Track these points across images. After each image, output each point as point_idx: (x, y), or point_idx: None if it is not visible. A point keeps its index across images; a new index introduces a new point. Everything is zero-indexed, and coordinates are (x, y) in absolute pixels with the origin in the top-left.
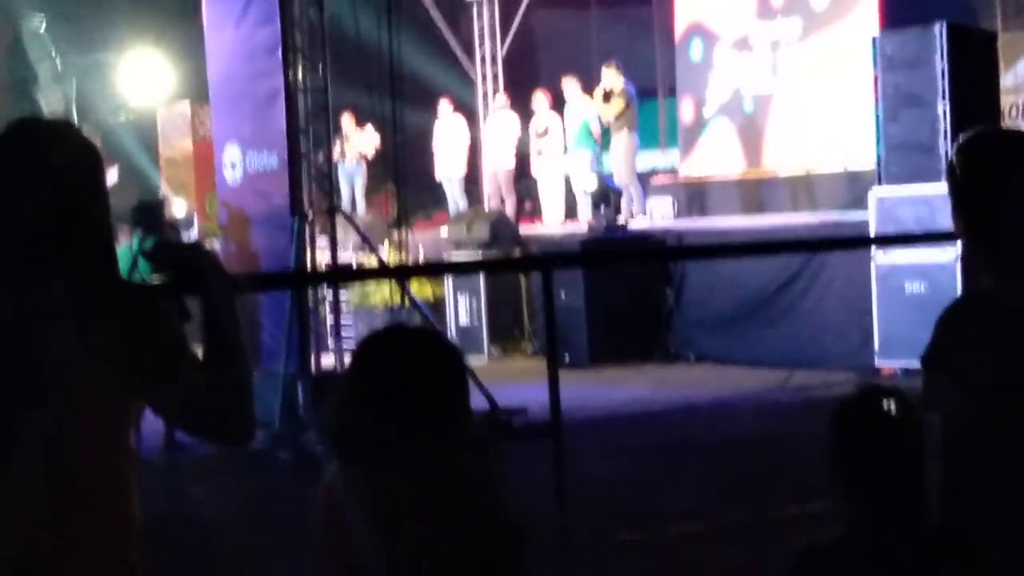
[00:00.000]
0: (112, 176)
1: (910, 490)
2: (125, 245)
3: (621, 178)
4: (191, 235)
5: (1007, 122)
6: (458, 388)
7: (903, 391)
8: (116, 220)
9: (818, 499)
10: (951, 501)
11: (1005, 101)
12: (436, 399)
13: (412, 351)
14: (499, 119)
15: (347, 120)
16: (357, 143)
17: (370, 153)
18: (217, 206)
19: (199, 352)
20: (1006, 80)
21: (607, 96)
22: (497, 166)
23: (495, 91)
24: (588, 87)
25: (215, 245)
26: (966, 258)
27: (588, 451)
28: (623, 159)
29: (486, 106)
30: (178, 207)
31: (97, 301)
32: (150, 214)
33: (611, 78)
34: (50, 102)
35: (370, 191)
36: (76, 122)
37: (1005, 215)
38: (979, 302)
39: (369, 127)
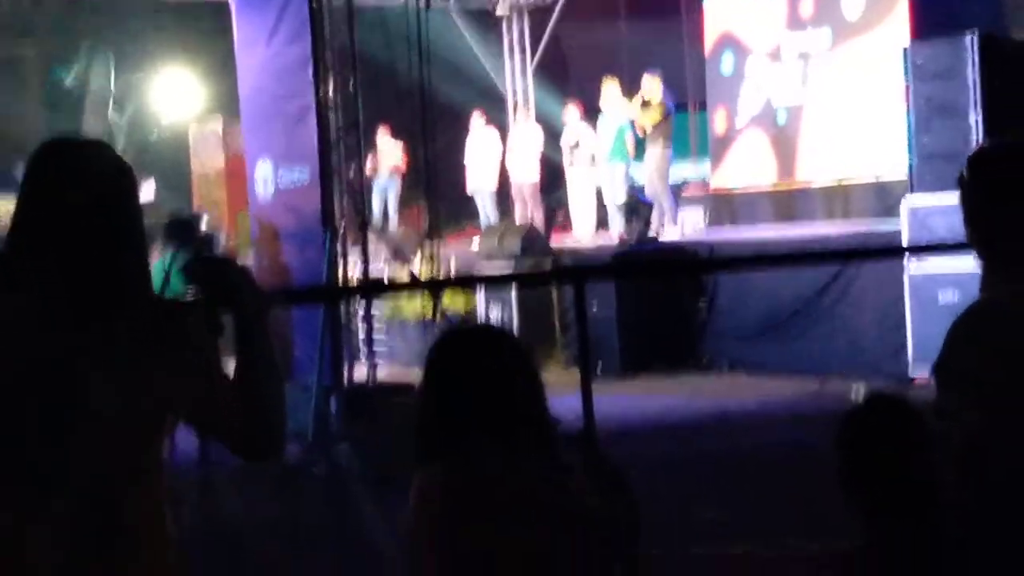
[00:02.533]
0: (149, 192)
1: (920, 499)
2: (158, 261)
3: (654, 190)
4: (222, 250)
5: None
6: (535, 382)
7: (909, 401)
8: (149, 236)
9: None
10: (963, 508)
11: None
12: (516, 394)
13: (490, 349)
14: (522, 132)
15: (382, 134)
16: (390, 157)
17: (402, 166)
18: (249, 221)
19: (231, 366)
20: None
21: (645, 105)
22: (521, 179)
23: (526, 104)
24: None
25: (247, 260)
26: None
27: (621, 461)
28: (656, 171)
29: (516, 119)
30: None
31: (130, 318)
32: (183, 230)
33: (652, 88)
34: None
35: (403, 204)
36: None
37: (1013, 224)
38: (990, 311)
39: (394, 142)
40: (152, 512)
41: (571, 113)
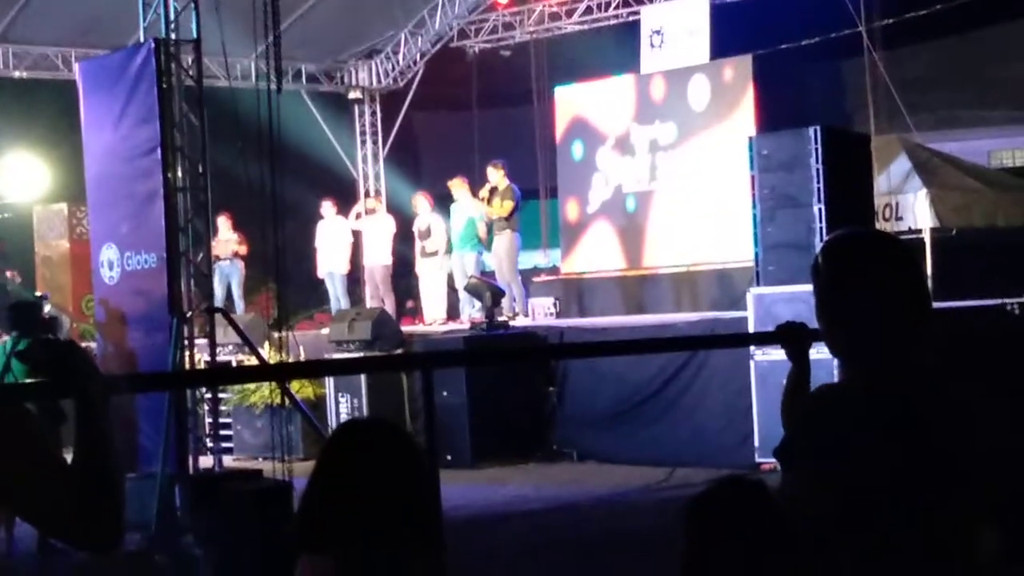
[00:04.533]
0: (15, 279)
1: None
2: (1, 345)
3: (504, 277)
4: (66, 335)
5: (881, 223)
6: (422, 484)
7: (763, 482)
8: None
9: None
10: None
11: (879, 202)
12: (402, 493)
13: (387, 446)
14: (374, 217)
15: (223, 221)
16: (230, 242)
17: (243, 251)
18: (94, 306)
19: (70, 454)
20: (880, 182)
21: (492, 195)
22: (373, 262)
23: (377, 190)
24: (472, 187)
25: (91, 345)
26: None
27: (470, 551)
28: (505, 258)
29: (368, 204)
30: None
31: None
32: (26, 314)
33: (496, 178)
34: None
35: (250, 291)
36: None
37: (861, 314)
38: (833, 398)
39: (231, 233)
40: None
41: (421, 202)
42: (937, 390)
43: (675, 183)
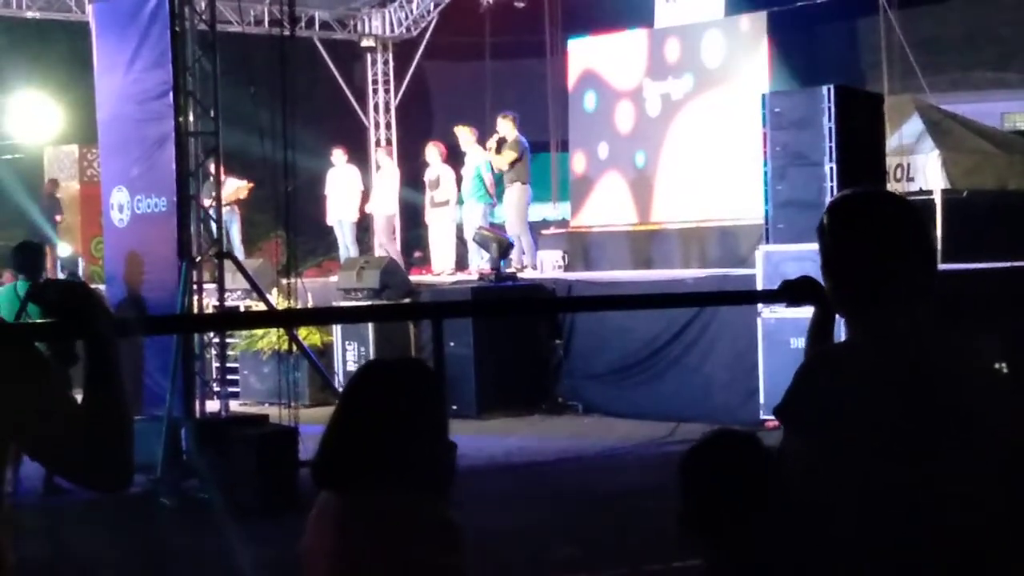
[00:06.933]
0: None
1: (762, 534)
2: (9, 286)
3: (513, 229)
4: (78, 276)
5: (892, 183)
6: (446, 423)
7: (756, 435)
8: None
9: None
10: (799, 548)
11: (890, 162)
12: (427, 433)
13: (411, 385)
14: (382, 166)
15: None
16: (229, 191)
17: (242, 196)
18: (104, 248)
19: (79, 394)
20: (891, 142)
21: (499, 145)
22: (379, 212)
23: (388, 139)
24: (482, 138)
25: (100, 287)
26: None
27: (473, 501)
28: (515, 210)
29: (378, 153)
30: (62, 248)
31: None
32: (34, 255)
33: (505, 128)
34: None
35: (259, 237)
36: None
37: (868, 274)
38: (838, 358)
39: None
40: None
41: (432, 152)
42: (943, 350)
43: (686, 139)
